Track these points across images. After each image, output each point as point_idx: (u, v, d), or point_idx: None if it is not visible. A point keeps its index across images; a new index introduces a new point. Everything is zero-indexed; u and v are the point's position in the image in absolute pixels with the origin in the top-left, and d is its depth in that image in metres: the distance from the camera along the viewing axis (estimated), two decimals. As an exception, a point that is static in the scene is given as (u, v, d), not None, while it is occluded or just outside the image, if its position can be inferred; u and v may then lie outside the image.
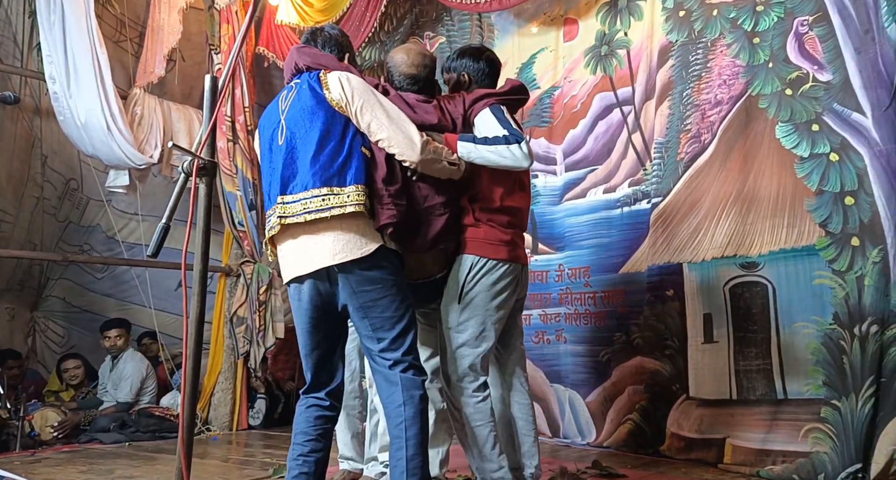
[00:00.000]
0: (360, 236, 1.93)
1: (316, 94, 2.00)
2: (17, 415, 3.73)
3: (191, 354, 1.16)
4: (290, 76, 2.14)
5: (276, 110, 2.08)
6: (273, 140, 2.03)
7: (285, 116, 2.03)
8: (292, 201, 1.93)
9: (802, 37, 2.88)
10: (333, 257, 1.90)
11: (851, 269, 2.64)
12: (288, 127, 2.00)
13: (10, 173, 4.64)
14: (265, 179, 2.05)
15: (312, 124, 1.97)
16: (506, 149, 2.10)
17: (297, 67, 2.11)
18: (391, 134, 2.00)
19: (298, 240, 1.95)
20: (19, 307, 5.09)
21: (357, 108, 2.00)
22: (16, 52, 4.46)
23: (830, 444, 2.58)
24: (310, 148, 1.95)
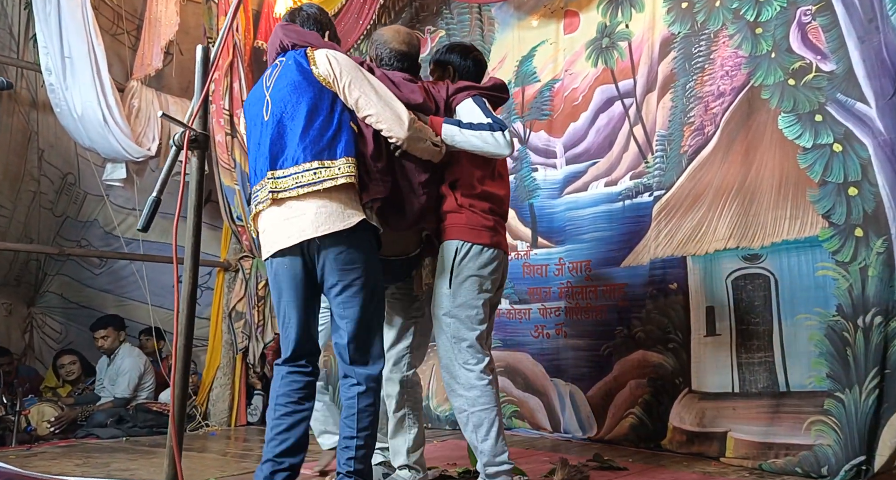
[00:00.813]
0: (344, 208, 1.95)
1: (303, 70, 2.02)
2: (13, 410, 3.71)
3: (182, 329, 1.13)
4: (274, 55, 2.14)
5: (260, 88, 2.09)
6: (259, 116, 2.04)
7: (271, 93, 2.03)
8: (283, 176, 1.94)
9: (805, 26, 2.86)
10: (316, 228, 1.92)
11: (855, 260, 2.62)
12: (274, 103, 2.01)
13: (6, 168, 4.62)
14: (251, 155, 2.06)
15: (300, 100, 1.98)
16: (490, 135, 2.14)
17: (282, 45, 2.11)
18: (380, 110, 2.02)
19: (283, 214, 1.95)
20: (16, 302, 5.07)
21: (345, 84, 2.02)
22: (12, 43, 4.43)
23: (834, 437, 2.57)
24: (298, 123, 1.96)
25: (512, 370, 3.77)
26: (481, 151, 2.17)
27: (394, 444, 2.39)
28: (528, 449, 3.21)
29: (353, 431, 1.96)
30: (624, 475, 2.65)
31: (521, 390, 3.72)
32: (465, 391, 2.17)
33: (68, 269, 5.17)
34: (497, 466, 2.15)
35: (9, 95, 4.49)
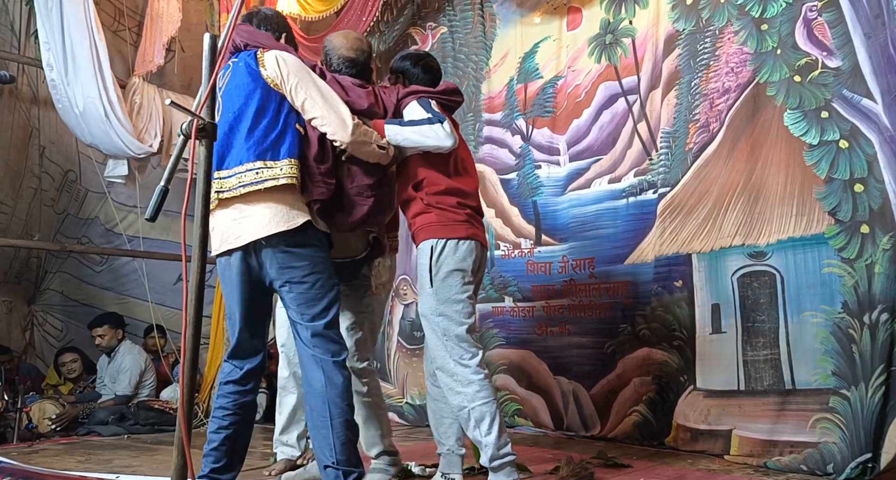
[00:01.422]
0: (289, 209, 1.97)
1: (252, 71, 2.05)
2: (14, 407, 3.70)
3: (191, 321, 1.12)
4: (229, 55, 2.14)
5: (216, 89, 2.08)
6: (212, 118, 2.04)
7: (222, 94, 2.05)
8: (227, 176, 1.97)
9: (811, 23, 2.85)
10: (262, 229, 1.94)
11: (861, 257, 2.61)
12: (224, 104, 2.03)
13: (7, 164, 4.61)
14: None
15: (248, 101, 2.01)
16: (428, 128, 2.21)
17: (235, 45, 2.13)
18: (324, 113, 2.06)
19: (229, 213, 1.98)
20: (17, 300, 5.05)
21: (292, 86, 2.05)
22: (13, 39, 4.42)
23: (839, 434, 2.56)
24: (245, 123, 1.99)
25: (515, 367, 3.76)
26: (424, 146, 2.24)
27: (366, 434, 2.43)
28: (531, 447, 3.20)
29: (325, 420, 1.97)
30: (628, 472, 2.64)
31: (525, 388, 3.71)
32: (463, 388, 2.19)
33: (69, 266, 5.16)
34: (502, 458, 2.16)
35: (10, 91, 4.48)
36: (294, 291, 1.99)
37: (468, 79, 4.21)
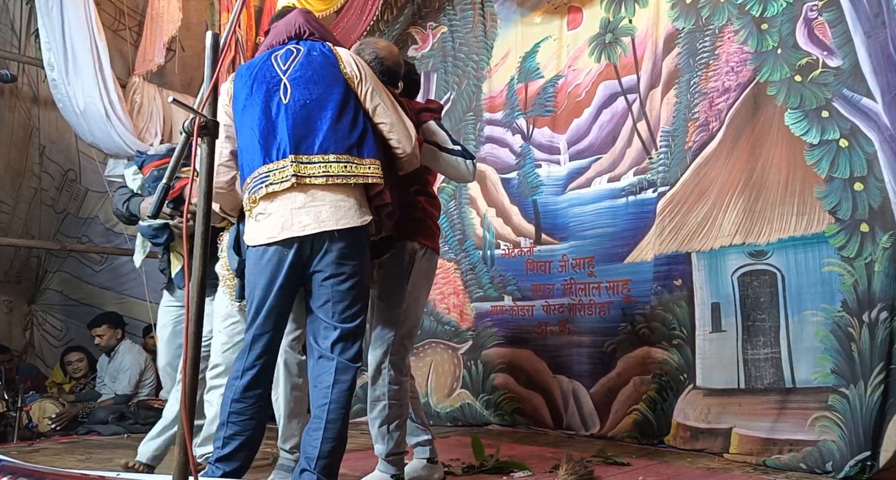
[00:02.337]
0: (359, 206, 1.95)
1: (332, 63, 2.01)
2: (14, 407, 3.70)
3: (193, 319, 1.13)
4: (283, 39, 2.07)
5: (270, 68, 2.01)
6: (272, 97, 1.96)
7: (289, 77, 1.98)
8: (309, 162, 1.90)
9: (812, 22, 2.85)
10: (337, 221, 1.90)
11: (861, 255, 2.62)
12: (296, 88, 1.96)
13: (7, 164, 4.60)
14: (255, 133, 1.95)
15: (328, 91, 1.96)
16: (463, 163, 2.36)
17: (299, 32, 2.07)
18: (394, 121, 2.06)
19: (297, 199, 1.90)
20: (17, 299, 5.04)
21: (369, 89, 2.03)
22: (13, 38, 4.42)
23: (838, 432, 2.56)
24: (328, 113, 1.94)
25: (515, 366, 3.77)
26: (449, 174, 2.42)
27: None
28: (530, 445, 3.21)
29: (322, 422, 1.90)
30: (628, 470, 2.64)
31: (524, 386, 3.71)
32: (396, 388, 2.26)
33: (69, 266, 5.16)
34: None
35: (10, 91, 4.48)
36: (337, 287, 1.93)
37: (468, 78, 4.21)
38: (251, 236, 1.95)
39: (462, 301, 4.03)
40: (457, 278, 4.07)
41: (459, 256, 4.09)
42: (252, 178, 1.92)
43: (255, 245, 1.94)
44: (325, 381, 1.91)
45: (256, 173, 1.92)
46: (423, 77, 4.45)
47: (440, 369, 4.04)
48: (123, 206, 2.45)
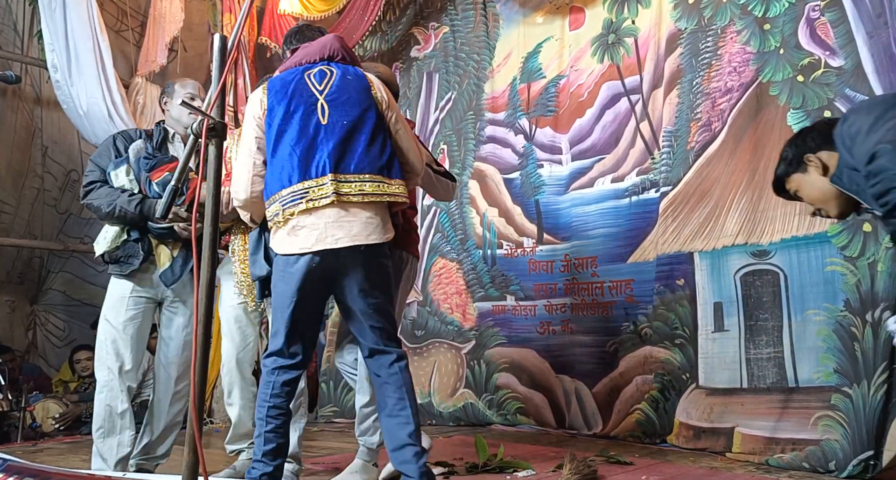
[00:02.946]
0: (385, 222, 2.09)
1: (365, 88, 2.14)
2: (18, 407, 3.71)
3: (202, 320, 1.13)
4: (315, 59, 2.16)
5: (306, 87, 2.10)
6: (310, 116, 2.07)
7: (326, 97, 2.09)
8: (346, 180, 2.02)
9: (814, 22, 2.86)
10: (367, 236, 2.02)
11: (863, 255, 2.62)
12: (333, 108, 2.07)
13: (10, 164, 4.61)
14: (293, 149, 2.04)
15: (364, 114, 2.10)
16: (450, 185, 2.62)
17: (332, 55, 2.18)
18: (410, 146, 2.20)
19: (332, 213, 2.01)
20: (19, 300, 5.05)
21: (393, 114, 2.18)
22: (16, 40, 4.43)
23: (841, 432, 2.56)
24: (363, 136, 2.07)
25: (517, 366, 3.77)
26: (435, 194, 2.65)
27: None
28: (533, 445, 3.22)
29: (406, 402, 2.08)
30: (630, 470, 2.65)
31: (527, 386, 3.72)
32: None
33: (71, 266, 5.16)
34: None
35: (13, 92, 4.48)
36: (372, 297, 2.07)
37: (470, 78, 4.22)
38: (281, 245, 2.04)
39: (465, 301, 4.03)
40: (459, 278, 4.08)
41: (461, 255, 4.09)
42: (290, 192, 2.01)
43: (285, 254, 2.03)
44: (393, 369, 2.09)
45: (294, 188, 2.01)
46: (425, 77, 4.46)
47: (443, 368, 4.05)
48: (136, 208, 2.45)
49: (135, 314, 2.54)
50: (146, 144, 2.56)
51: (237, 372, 2.52)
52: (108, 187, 2.51)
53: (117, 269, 2.54)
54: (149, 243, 2.53)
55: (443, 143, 4.29)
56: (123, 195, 2.47)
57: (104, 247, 2.51)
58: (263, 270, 2.27)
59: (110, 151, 2.58)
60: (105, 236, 2.52)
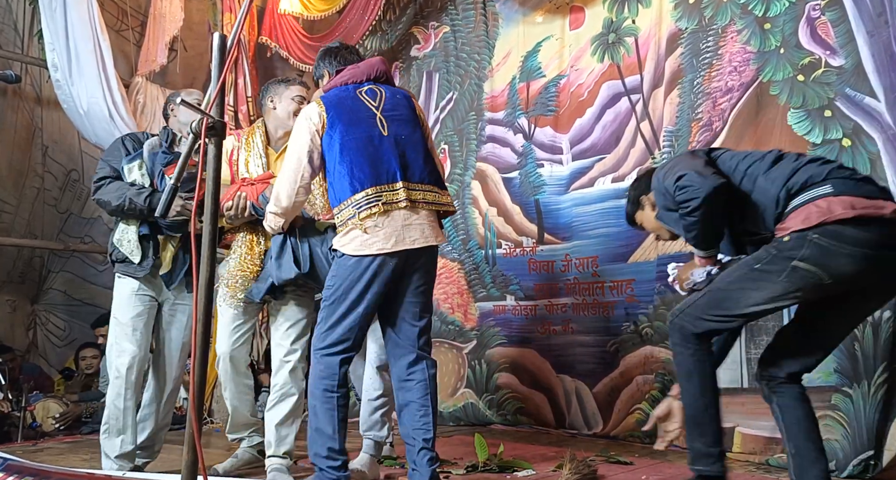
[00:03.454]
0: (439, 227, 2.31)
1: (412, 107, 2.34)
2: (18, 406, 3.71)
3: (201, 319, 1.14)
4: (362, 79, 2.31)
5: (362, 103, 2.26)
6: (372, 129, 2.24)
7: (383, 113, 2.26)
8: (414, 188, 2.21)
9: (814, 21, 2.85)
10: (435, 238, 2.25)
11: (864, 255, 2.61)
12: (392, 124, 2.25)
13: (10, 164, 4.61)
14: (362, 158, 2.19)
15: (416, 130, 2.30)
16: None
17: (378, 76, 2.34)
18: (440, 161, 2.41)
19: (408, 218, 2.19)
20: (20, 299, 5.05)
21: (430, 132, 2.41)
22: (16, 39, 4.43)
23: (842, 432, 2.57)
24: (419, 149, 2.27)
25: (518, 366, 3.77)
26: None
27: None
28: (533, 445, 3.22)
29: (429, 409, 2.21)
30: (631, 469, 2.65)
31: (527, 386, 3.72)
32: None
33: (72, 266, 5.16)
34: None
35: (14, 91, 4.48)
36: (423, 295, 2.28)
37: (470, 78, 4.22)
38: (355, 247, 2.16)
39: (466, 301, 4.03)
40: (460, 278, 4.07)
41: (463, 255, 4.09)
42: (364, 195, 2.16)
43: (359, 255, 2.16)
44: (423, 374, 2.22)
45: (368, 192, 2.17)
46: (425, 76, 4.46)
47: (444, 368, 4.04)
48: (145, 201, 2.50)
49: (141, 310, 2.64)
50: (159, 140, 2.64)
51: (231, 367, 2.60)
52: (117, 183, 2.58)
53: (123, 268, 2.62)
54: (157, 243, 2.60)
55: (444, 143, 4.28)
56: (132, 189, 2.53)
57: (130, 248, 2.58)
58: (292, 272, 2.38)
59: (120, 151, 2.66)
60: (127, 238, 2.60)
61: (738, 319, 1.80)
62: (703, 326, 1.79)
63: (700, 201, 1.73)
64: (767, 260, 1.70)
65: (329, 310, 2.19)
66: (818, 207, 1.67)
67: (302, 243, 2.40)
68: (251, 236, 2.55)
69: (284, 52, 4.54)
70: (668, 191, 1.82)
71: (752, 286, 1.71)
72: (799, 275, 1.66)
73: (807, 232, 1.65)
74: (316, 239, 2.43)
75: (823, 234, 1.64)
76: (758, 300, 1.72)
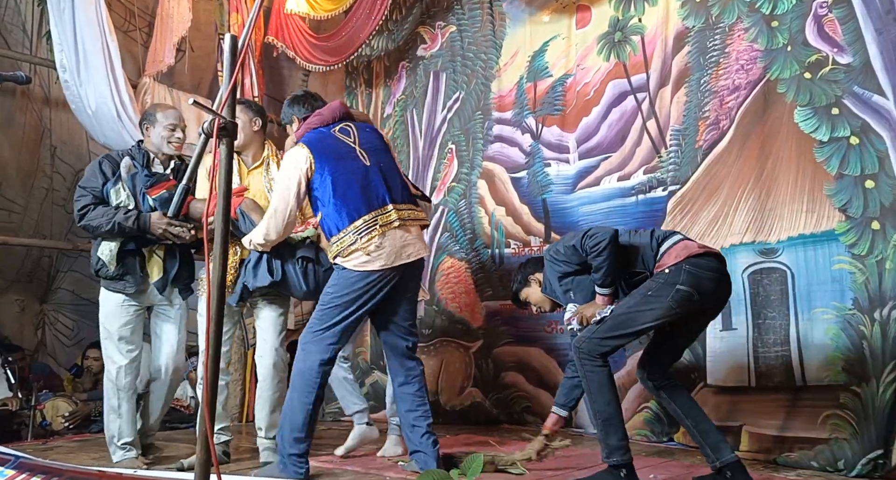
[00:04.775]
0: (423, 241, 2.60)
1: (381, 137, 2.65)
2: (28, 405, 3.73)
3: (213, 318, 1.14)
4: (329, 121, 2.57)
5: (339, 141, 2.52)
6: (356, 162, 2.50)
7: (361, 146, 2.53)
8: (400, 208, 2.49)
9: (822, 19, 2.85)
10: (424, 251, 2.54)
11: (872, 253, 2.62)
12: (371, 154, 2.52)
13: (19, 164, 4.64)
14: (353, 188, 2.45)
15: (390, 157, 2.60)
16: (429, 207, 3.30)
17: (341, 117, 2.60)
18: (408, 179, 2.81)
19: (403, 236, 2.46)
20: (29, 299, 5.08)
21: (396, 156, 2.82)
22: (25, 40, 4.45)
23: (850, 430, 2.56)
24: (396, 173, 2.57)
25: (524, 365, 3.78)
26: None
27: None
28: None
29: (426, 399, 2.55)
30: (638, 468, 2.63)
31: (534, 385, 3.73)
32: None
33: (80, 266, 5.18)
34: None
35: (22, 92, 4.51)
36: (413, 302, 2.60)
37: (477, 77, 4.22)
38: (361, 265, 2.41)
39: (473, 300, 4.04)
40: (468, 277, 4.08)
41: (470, 255, 4.10)
42: (363, 222, 2.42)
43: (363, 270, 2.41)
44: (417, 370, 2.57)
45: (365, 219, 2.42)
46: (432, 76, 4.47)
47: (451, 367, 4.05)
48: (133, 223, 2.68)
49: (129, 319, 2.81)
50: (134, 162, 2.79)
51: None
52: (102, 207, 2.73)
53: (113, 285, 2.79)
54: (143, 258, 2.78)
55: (451, 142, 4.29)
56: (120, 213, 2.69)
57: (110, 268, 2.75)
58: (266, 280, 2.65)
59: (97, 176, 2.80)
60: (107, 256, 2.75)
61: (635, 335, 2.30)
62: (610, 344, 2.25)
63: (607, 241, 2.22)
64: (656, 288, 2.23)
65: (326, 313, 2.44)
66: (681, 247, 2.27)
67: (276, 255, 2.67)
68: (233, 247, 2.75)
69: (291, 52, 4.55)
70: (574, 248, 2.30)
71: (646, 308, 2.22)
72: (680, 295, 2.19)
73: (681, 264, 2.22)
74: (287, 252, 2.69)
75: (691, 264, 2.22)
76: (650, 318, 2.22)
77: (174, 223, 2.67)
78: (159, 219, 2.67)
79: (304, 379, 2.40)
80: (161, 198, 2.71)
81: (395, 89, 4.68)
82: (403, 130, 4.58)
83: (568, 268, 2.37)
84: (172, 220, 2.66)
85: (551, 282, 2.50)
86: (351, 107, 4.34)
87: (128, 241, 2.74)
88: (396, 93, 4.67)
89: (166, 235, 2.70)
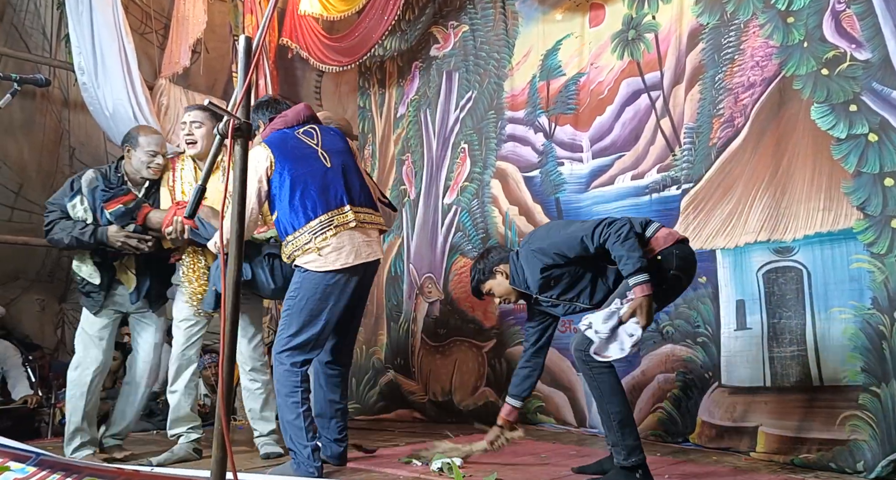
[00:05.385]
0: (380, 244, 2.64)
1: (343, 139, 2.66)
2: (48, 403, 3.79)
3: (229, 317, 1.16)
4: (294, 123, 2.60)
5: (302, 142, 2.54)
6: (316, 163, 2.52)
7: (323, 148, 2.55)
8: (358, 210, 2.51)
9: (839, 15, 2.81)
10: (381, 253, 2.58)
11: (892, 252, 2.58)
12: (333, 156, 2.55)
13: (39, 165, 4.71)
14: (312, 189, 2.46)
15: (350, 160, 2.61)
16: (391, 215, 3.38)
17: (305, 119, 2.63)
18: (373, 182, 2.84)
19: (362, 237, 2.50)
20: (48, 298, 5.15)
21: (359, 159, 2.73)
22: (44, 43, 4.51)
23: (870, 432, 2.52)
24: (356, 176, 2.58)
25: (538, 364, 3.76)
26: None
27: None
28: (554, 443, 3.21)
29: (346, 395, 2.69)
30: (652, 469, 2.62)
31: (547, 385, 3.71)
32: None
33: (98, 265, 5.25)
34: None
35: (42, 94, 4.57)
36: (364, 304, 2.67)
37: (490, 77, 4.22)
38: (319, 264, 2.43)
39: (486, 299, 4.02)
40: (480, 277, 4.07)
41: (482, 254, 4.09)
42: (318, 222, 2.44)
43: (326, 271, 2.44)
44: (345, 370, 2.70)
45: (321, 219, 2.44)
46: (445, 76, 4.47)
47: (464, 367, 4.05)
48: (90, 238, 2.78)
49: (106, 323, 2.96)
50: (97, 175, 2.90)
51: (186, 364, 2.93)
52: (64, 221, 2.85)
53: (84, 300, 2.95)
54: (112, 272, 2.91)
55: (463, 142, 4.29)
56: (77, 228, 2.81)
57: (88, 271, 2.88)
58: None
59: (67, 192, 2.92)
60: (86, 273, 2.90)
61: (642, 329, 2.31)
62: None
63: (629, 227, 2.25)
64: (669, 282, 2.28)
65: (292, 319, 2.46)
66: (665, 232, 2.34)
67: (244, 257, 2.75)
68: (193, 254, 2.87)
69: (305, 53, 4.58)
70: (581, 240, 2.30)
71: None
72: (676, 280, 2.28)
73: (670, 248, 2.28)
74: (253, 252, 2.77)
75: (677, 250, 2.29)
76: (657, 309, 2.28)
77: (132, 236, 2.78)
78: (116, 232, 2.77)
79: (285, 384, 2.44)
80: (117, 212, 2.80)
81: (409, 89, 4.68)
82: (417, 130, 4.59)
83: (560, 260, 2.35)
84: (130, 233, 2.77)
85: (527, 274, 2.45)
86: (363, 107, 4.44)
87: (93, 255, 2.87)
88: (409, 93, 4.67)
89: (125, 247, 2.79)
